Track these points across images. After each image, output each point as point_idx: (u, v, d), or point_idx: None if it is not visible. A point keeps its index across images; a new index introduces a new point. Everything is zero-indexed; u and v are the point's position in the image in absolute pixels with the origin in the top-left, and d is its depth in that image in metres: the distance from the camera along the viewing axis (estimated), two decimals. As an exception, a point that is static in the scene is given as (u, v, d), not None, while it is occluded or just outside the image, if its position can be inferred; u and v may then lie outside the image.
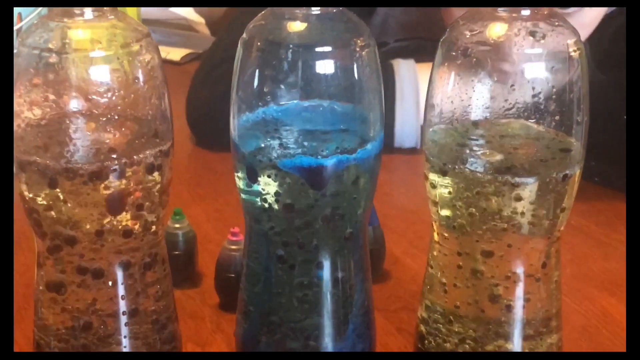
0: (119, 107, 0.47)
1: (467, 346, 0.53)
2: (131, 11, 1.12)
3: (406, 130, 0.93)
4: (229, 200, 0.83)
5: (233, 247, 0.64)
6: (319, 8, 0.49)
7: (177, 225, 0.68)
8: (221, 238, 0.68)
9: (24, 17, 0.93)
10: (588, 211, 0.82)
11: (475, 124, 0.51)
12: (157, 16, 1.28)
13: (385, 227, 0.71)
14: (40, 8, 0.93)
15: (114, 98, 0.47)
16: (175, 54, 1.25)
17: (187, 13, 1.28)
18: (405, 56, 0.96)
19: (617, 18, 0.91)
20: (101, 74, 0.47)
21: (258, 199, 0.51)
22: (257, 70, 0.50)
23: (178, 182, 0.86)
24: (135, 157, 0.48)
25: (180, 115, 0.97)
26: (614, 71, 0.87)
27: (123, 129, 0.48)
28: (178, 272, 0.68)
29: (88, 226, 0.48)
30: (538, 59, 0.48)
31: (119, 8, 0.48)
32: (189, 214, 0.69)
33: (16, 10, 0.93)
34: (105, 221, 0.48)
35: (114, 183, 0.47)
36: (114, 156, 0.47)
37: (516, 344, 0.53)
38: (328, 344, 0.54)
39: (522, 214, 0.50)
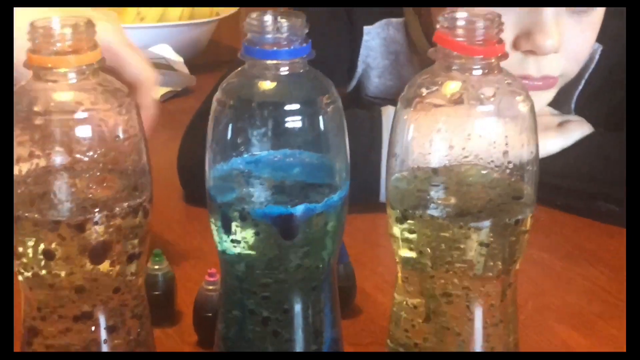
0: (100, 164, 0.51)
1: (430, 381, 0.57)
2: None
3: None
4: (207, 238, 0.86)
5: (210, 287, 0.68)
6: (287, 68, 0.53)
7: (156, 267, 0.71)
8: (199, 275, 0.71)
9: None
10: (550, 245, 0.85)
11: (435, 171, 0.55)
12: (137, 56, 1.31)
13: (357, 262, 0.75)
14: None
15: (95, 156, 0.50)
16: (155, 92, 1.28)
17: (166, 52, 1.32)
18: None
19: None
20: (84, 134, 0.50)
21: (232, 247, 0.55)
22: (229, 126, 0.53)
23: (158, 222, 0.90)
24: (117, 209, 0.51)
25: (163, 153, 1.00)
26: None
27: (105, 184, 0.51)
28: (158, 311, 0.70)
29: (71, 275, 0.51)
30: (489, 115, 0.52)
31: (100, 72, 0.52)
32: (168, 252, 0.72)
33: None
34: (88, 270, 0.51)
35: (96, 234, 0.51)
36: (97, 209, 0.50)
37: (476, 378, 0.56)
38: (300, 380, 0.57)
39: (478, 256, 0.54)
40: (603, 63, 0.96)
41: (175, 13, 1.41)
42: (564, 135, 0.90)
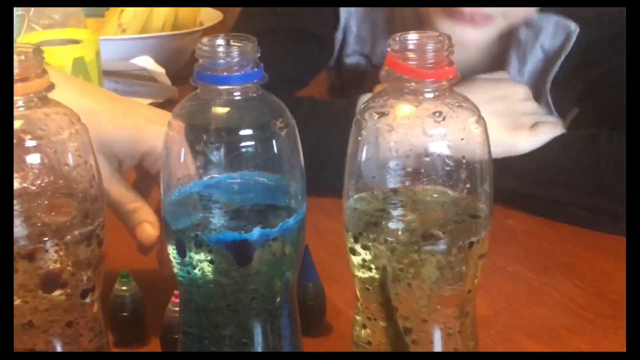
0: (49, 192, 0.50)
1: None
2: (91, 67, 1.15)
3: None
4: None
5: (177, 308, 0.67)
6: (240, 93, 0.53)
7: (124, 288, 0.70)
8: (169, 296, 0.70)
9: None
10: (525, 258, 0.85)
11: (390, 192, 0.55)
12: (119, 68, 1.31)
13: (330, 278, 0.74)
14: None
15: (43, 184, 0.50)
16: (137, 104, 1.28)
17: (148, 64, 1.31)
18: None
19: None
20: (33, 162, 0.50)
21: (187, 271, 0.54)
22: (182, 152, 0.53)
23: (127, 241, 0.89)
24: (68, 237, 0.51)
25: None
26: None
27: (53, 212, 0.51)
28: (126, 332, 0.70)
29: (23, 303, 0.51)
30: (441, 138, 0.52)
31: (50, 97, 0.52)
32: (137, 272, 0.71)
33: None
34: (40, 298, 0.51)
35: (47, 262, 0.50)
36: (46, 238, 0.50)
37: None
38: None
39: (434, 278, 0.53)
40: (579, 45, 0.95)
41: (157, 24, 1.41)
42: (534, 136, 0.90)
